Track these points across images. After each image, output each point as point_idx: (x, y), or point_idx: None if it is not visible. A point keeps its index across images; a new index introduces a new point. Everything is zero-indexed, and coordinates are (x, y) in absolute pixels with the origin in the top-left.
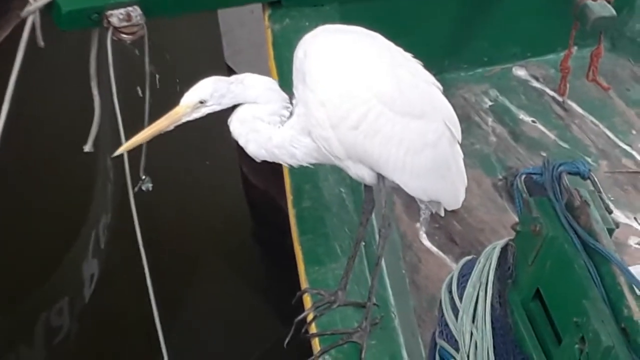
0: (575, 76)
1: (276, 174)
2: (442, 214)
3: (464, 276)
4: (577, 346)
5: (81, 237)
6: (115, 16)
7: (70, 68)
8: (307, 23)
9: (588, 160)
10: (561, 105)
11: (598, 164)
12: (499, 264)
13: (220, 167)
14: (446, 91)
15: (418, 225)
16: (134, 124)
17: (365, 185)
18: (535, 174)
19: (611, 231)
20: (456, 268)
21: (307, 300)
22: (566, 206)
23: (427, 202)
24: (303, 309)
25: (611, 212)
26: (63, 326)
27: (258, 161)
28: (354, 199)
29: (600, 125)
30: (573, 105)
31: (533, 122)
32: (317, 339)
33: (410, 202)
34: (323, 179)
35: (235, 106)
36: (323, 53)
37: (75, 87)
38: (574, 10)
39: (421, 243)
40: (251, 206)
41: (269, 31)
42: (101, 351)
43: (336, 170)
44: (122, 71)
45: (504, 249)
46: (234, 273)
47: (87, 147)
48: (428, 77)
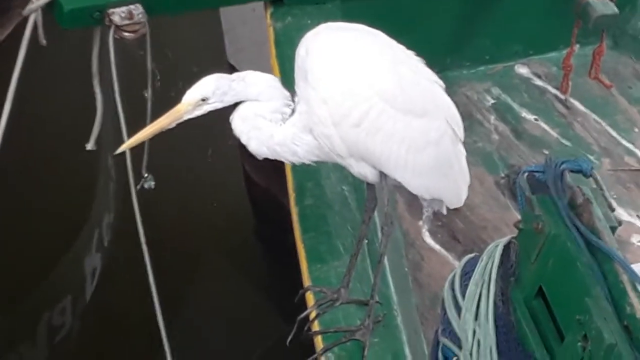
0: (577, 74)
1: (278, 172)
2: (445, 212)
3: (467, 274)
4: (580, 344)
5: (83, 236)
6: (117, 14)
7: (72, 66)
8: (309, 21)
9: (590, 158)
10: (563, 103)
11: (600, 162)
12: (502, 262)
13: (222, 165)
14: (448, 89)
15: (420, 223)
16: (136, 122)
17: (367, 183)
18: (537, 172)
19: (614, 229)
20: (459, 266)
21: (310, 298)
22: (569, 204)
23: (430, 201)
24: (305, 307)
25: (614, 210)
26: (65, 324)
27: (260, 159)
28: (357, 197)
29: (602, 123)
30: (575, 103)
31: (535, 120)
32: (320, 337)
33: (412, 200)
34: (325, 177)
35: (237, 104)
36: (325, 51)
37: (77, 86)
38: (576, 8)
39: (424, 241)
40: (253, 204)
41: (271, 29)
42: (103, 349)
43: (338, 168)
44: (124, 69)
45: (507, 247)
46: (236, 271)
47: (90, 145)
48: (430, 75)
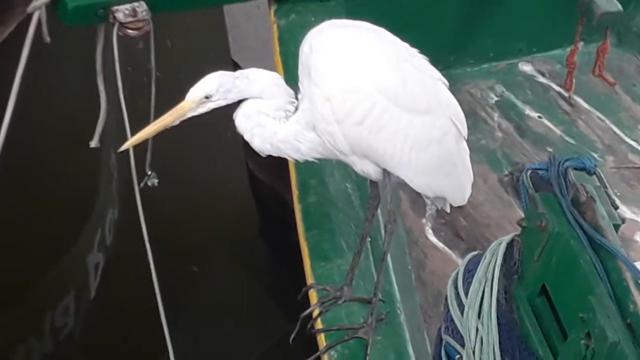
0: (581, 71)
1: (282, 169)
2: (448, 210)
3: (470, 272)
4: (583, 342)
5: (87, 233)
6: (121, 12)
7: (76, 64)
8: (313, 18)
9: (594, 155)
10: (567, 100)
11: (604, 160)
12: (505, 260)
13: (226, 162)
14: (452, 87)
15: (424, 220)
16: (140, 120)
17: (370, 180)
18: (541, 170)
19: (617, 227)
20: (462, 264)
21: (313, 295)
22: (572, 202)
23: (433, 198)
24: (309, 305)
25: (617, 208)
26: (69, 321)
27: (263, 156)
28: (360, 195)
29: (606, 120)
30: (579, 100)
31: (539, 118)
32: (323, 335)
33: (416, 198)
34: (329, 175)
35: (240, 101)
36: (329, 48)
37: (81, 83)
38: (580, 5)
39: (427, 239)
40: (257, 201)
41: (275, 26)
42: (106, 346)
43: (342, 165)
44: (128, 67)
45: (510, 245)
46: (240, 268)
47: (94, 143)
48: (434, 73)
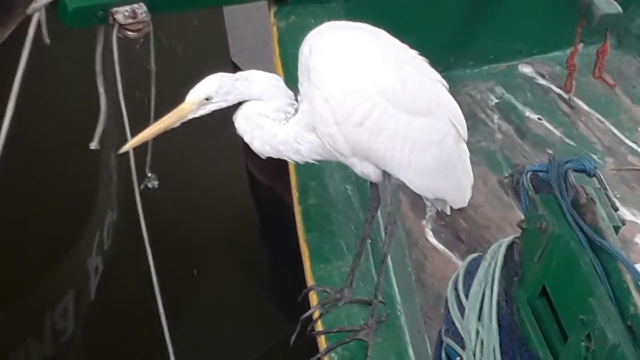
0: (581, 73)
1: (282, 171)
2: (448, 212)
3: (470, 274)
4: (583, 344)
5: (86, 235)
6: (120, 13)
7: (75, 65)
8: (313, 20)
9: (594, 157)
10: (567, 102)
11: (604, 162)
12: (505, 262)
13: (226, 164)
14: (452, 88)
15: (424, 222)
16: (140, 121)
17: (370, 182)
18: (541, 172)
19: (617, 229)
20: (462, 265)
21: (313, 297)
22: (572, 204)
23: (433, 200)
24: (309, 307)
25: (617, 210)
26: (68, 323)
27: (263, 158)
28: (360, 196)
29: (606, 122)
30: (579, 102)
31: (539, 120)
32: (323, 337)
33: (416, 200)
34: (329, 176)
35: (240, 103)
36: (328, 49)
37: (80, 85)
38: (580, 7)
39: (427, 240)
40: (257, 203)
41: (275, 28)
42: (105, 349)
43: (342, 167)
44: (128, 68)
45: (510, 247)
46: (240, 270)
47: (93, 145)
48: (433, 75)
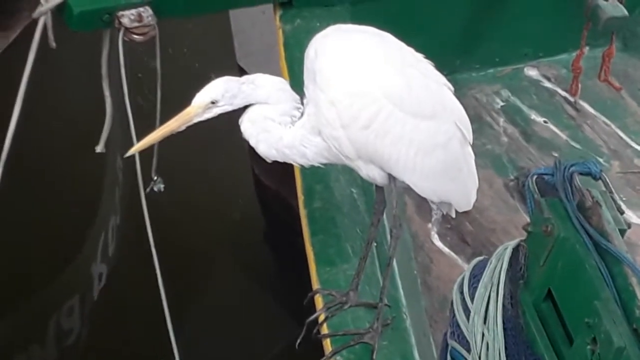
0: (587, 76)
1: (288, 175)
2: (454, 215)
3: (476, 277)
4: (589, 347)
5: (91, 238)
6: (126, 17)
7: (81, 69)
8: (318, 23)
9: (600, 160)
10: (573, 105)
11: (610, 165)
12: (511, 265)
13: (232, 168)
14: (458, 91)
15: (430, 225)
16: (146, 125)
17: (376, 185)
18: (546, 175)
19: (623, 232)
20: (468, 268)
21: (319, 301)
22: (578, 207)
23: (438, 203)
24: (314, 310)
25: (623, 213)
26: (74, 326)
27: (269, 161)
28: (366, 200)
29: (612, 125)
30: (585, 105)
31: (545, 123)
32: (329, 340)
33: (421, 203)
34: (334, 180)
35: (246, 107)
36: (334, 53)
37: (86, 88)
38: (586, 10)
39: (433, 243)
40: (263, 207)
41: (280, 31)
42: (110, 351)
43: (347, 170)
44: (134, 72)
45: (516, 250)
46: (246, 274)
47: (99, 148)
48: (439, 78)
